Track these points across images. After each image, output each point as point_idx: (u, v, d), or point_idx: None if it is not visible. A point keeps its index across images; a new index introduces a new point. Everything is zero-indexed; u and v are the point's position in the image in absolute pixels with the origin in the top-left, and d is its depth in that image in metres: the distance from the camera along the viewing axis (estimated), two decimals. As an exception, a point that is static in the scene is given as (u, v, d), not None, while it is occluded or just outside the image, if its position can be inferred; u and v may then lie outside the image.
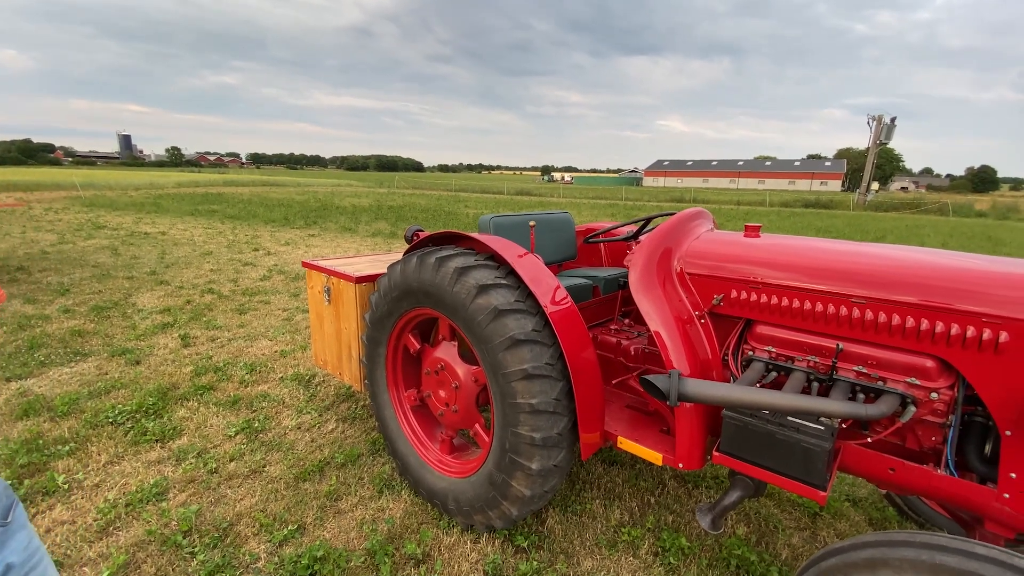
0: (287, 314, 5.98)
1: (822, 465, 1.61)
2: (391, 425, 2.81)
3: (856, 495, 2.89)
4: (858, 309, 1.75)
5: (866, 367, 1.75)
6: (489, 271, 2.19)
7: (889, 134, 42.67)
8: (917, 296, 1.64)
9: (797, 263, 1.91)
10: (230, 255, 9.63)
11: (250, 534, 2.43)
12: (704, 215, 2.43)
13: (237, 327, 5.46)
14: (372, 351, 2.80)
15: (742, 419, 1.75)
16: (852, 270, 1.80)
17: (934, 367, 1.62)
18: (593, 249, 3.66)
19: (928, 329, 1.61)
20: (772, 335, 1.95)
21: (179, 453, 3.06)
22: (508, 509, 2.21)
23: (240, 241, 11.39)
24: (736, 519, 2.63)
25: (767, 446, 1.71)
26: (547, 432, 2.04)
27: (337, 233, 13.27)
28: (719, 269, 2.07)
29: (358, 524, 2.52)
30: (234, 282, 7.47)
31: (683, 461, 1.97)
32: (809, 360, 1.86)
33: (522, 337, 2.03)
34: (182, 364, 4.40)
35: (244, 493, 2.73)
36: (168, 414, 3.52)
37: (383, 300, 2.60)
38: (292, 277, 7.87)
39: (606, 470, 3.01)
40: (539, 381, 2.02)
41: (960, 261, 1.71)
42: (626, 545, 2.42)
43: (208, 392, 3.88)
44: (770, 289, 1.93)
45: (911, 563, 1.26)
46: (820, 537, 2.53)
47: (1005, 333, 1.48)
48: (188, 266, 8.49)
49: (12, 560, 0.99)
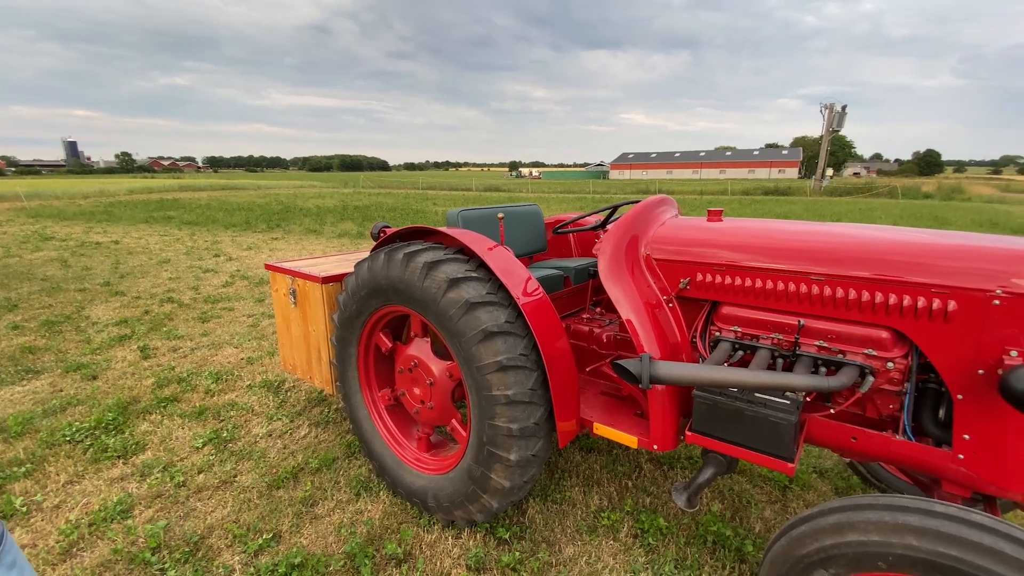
0: (252, 320, 5.80)
1: (789, 438, 1.66)
2: (366, 426, 2.77)
3: (823, 467, 3.00)
4: (817, 286, 1.81)
5: (827, 341, 1.82)
6: (459, 265, 2.17)
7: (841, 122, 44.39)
8: (871, 271, 1.71)
9: (758, 244, 1.97)
10: (189, 262, 9.27)
11: (223, 546, 2.35)
12: (668, 202, 2.47)
13: (200, 336, 5.26)
14: (342, 352, 2.74)
15: (712, 398, 1.79)
16: (810, 248, 1.87)
17: (889, 338, 1.70)
18: (563, 240, 3.68)
19: (882, 302, 1.68)
20: (737, 315, 2.00)
21: (143, 468, 2.93)
22: (488, 502, 2.21)
23: (199, 247, 10.97)
24: (711, 497, 2.70)
25: (736, 423, 1.75)
26: (524, 422, 2.04)
27: (302, 235, 12.95)
28: (684, 254, 2.11)
29: (336, 528, 2.47)
30: (195, 290, 7.20)
31: (657, 442, 2.01)
32: (773, 337, 1.92)
33: (495, 329, 2.02)
34: (142, 377, 4.21)
35: (215, 505, 2.64)
36: (130, 429, 3.37)
37: (351, 299, 2.55)
38: (256, 282, 7.64)
39: (584, 457, 3.04)
40: (514, 372, 2.02)
41: (910, 236, 1.79)
42: (606, 529, 2.46)
43: (172, 404, 3.73)
44: (733, 271, 1.98)
45: (875, 524, 1.32)
46: (791, 509, 2.62)
47: (953, 302, 1.56)
48: (144, 275, 8.13)
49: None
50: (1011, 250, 1.54)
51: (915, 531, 1.27)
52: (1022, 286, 1.45)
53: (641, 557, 2.28)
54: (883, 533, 1.31)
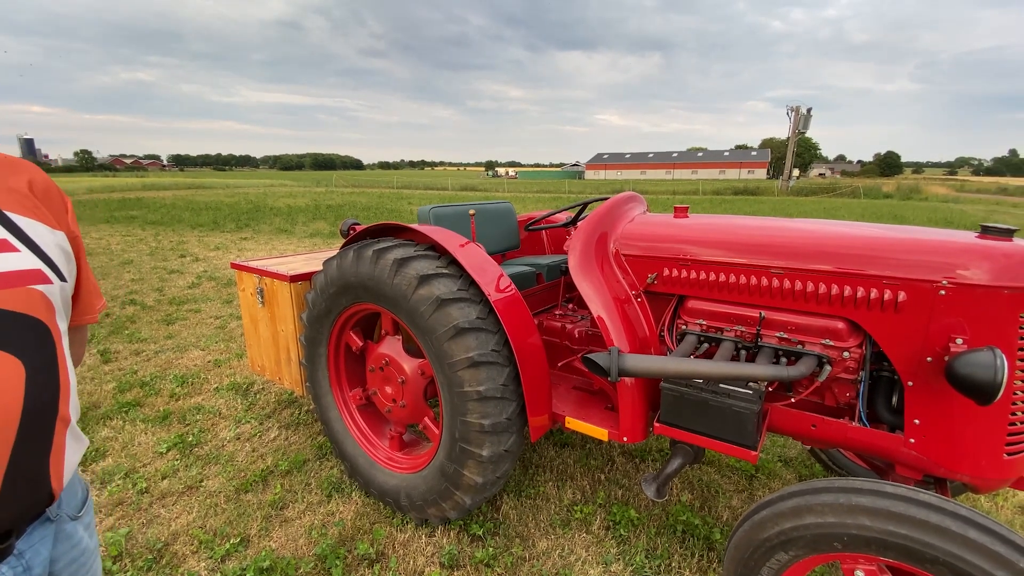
0: (220, 322, 5.65)
1: (752, 427, 1.71)
2: (337, 427, 2.73)
3: (787, 456, 3.10)
4: (777, 279, 1.87)
5: (787, 332, 1.88)
6: (430, 261, 2.16)
7: (806, 124, 45.85)
8: (828, 264, 1.77)
9: (722, 239, 2.02)
10: (153, 263, 8.96)
11: (188, 552, 2.29)
12: (636, 198, 2.51)
13: (164, 339, 5.10)
14: (312, 352, 2.70)
15: (678, 389, 1.83)
16: (771, 243, 1.92)
17: (844, 328, 1.77)
18: (535, 238, 3.70)
19: (838, 294, 1.75)
20: (702, 308, 2.05)
21: (103, 475, 2.83)
22: (461, 499, 2.21)
23: (164, 248, 10.61)
24: (680, 487, 2.76)
25: (702, 413, 1.80)
26: (496, 418, 2.05)
27: (272, 235, 12.65)
28: (652, 249, 2.15)
29: (307, 530, 2.43)
30: (159, 291, 6.97)
31: (627, 435, 2.04)
32: (736, 330, 1.98)
33: (466, 325, 2.02)
34: (103, 381, 4.06)
35: (180, 511, 2.56)
36: (89, 435, 3.24)
37: (320, 297, 2.51)
38: (224, 283, 7.43)
39: (557, 452, 3.07)
40: (485, 368, 2.03)
41: (864, 231, 1.86)
42: (579, 523, 2.48)
43: (134, 409, 3.60)
44: (698, 265, 2.03)
45: (830, 507, 1.38)
46: (757, 497, 2.70)
47: (903, 293, 1.63)
48: (105, 277, 7.83)
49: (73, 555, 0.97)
50: (956, 243, 1.62)
51: (868, 512, 1.32)
52: (966, 277, 1.53)
53: (613, 548, 2.32)
54: (838, 515, 1.36)
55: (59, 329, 0.91)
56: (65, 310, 0.96)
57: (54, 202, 0.99)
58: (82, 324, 1.09)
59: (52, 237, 0.94)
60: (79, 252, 1.03)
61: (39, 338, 0.86)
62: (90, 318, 1.10)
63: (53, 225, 0.96)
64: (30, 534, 0.89)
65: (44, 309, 0.88)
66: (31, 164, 0.99)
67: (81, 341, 1.15)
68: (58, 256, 0.94)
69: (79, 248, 1.03)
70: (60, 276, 0.92)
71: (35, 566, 0.88)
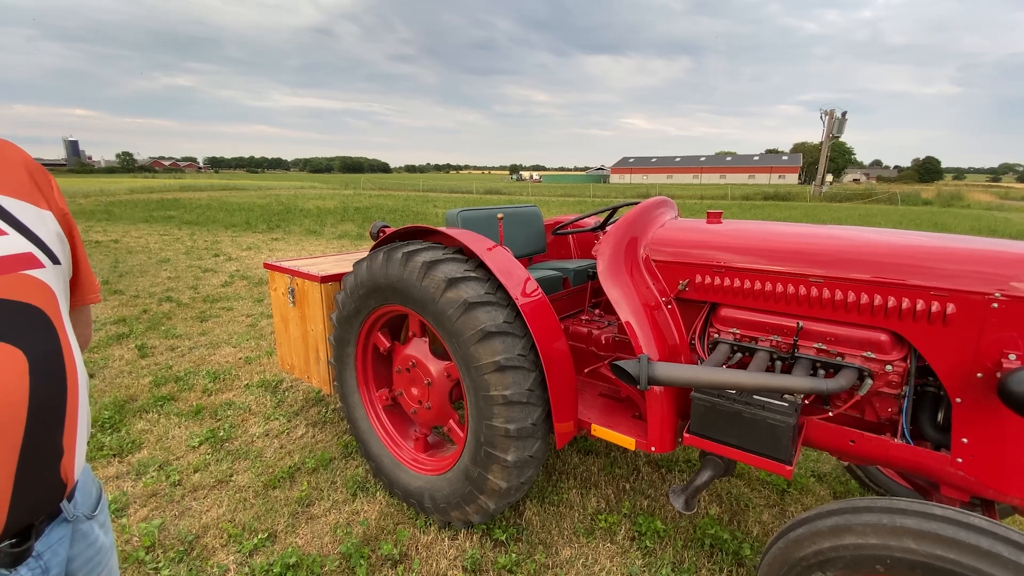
0: (251, 320, 5.79)
1: (787, 440, 1.65)
2: (363, 426, 2.76)
3: (821, 471, 3.00)
4: (815, 288, 1.81)
5: (825, 344, 1.81)
6: (458, 264, 2.16)
7: (841, 128, 44.53)
8: (870, 273, 1.71)
9: (757, 246, 1.97)
10: (189, 262, 9.27)
11: (218, 545, 2.34)
12: (668, 203, 2.47)
13: (198, 335, 5.25)
14: (340, 352, 2.73)
15: (710, 400, 1.78)
16: (809, 251, 1.87)
17: (888, 341, 1.69)
18: (562, 242, 3.68)
19: (881, 304, 1.68)
20: (736, 317, 2.00)
21: (139, 467, 2.92)
22: (485, 503, 2.20)
23: (199, 247, 10.97)
24: (708, 500, 2.69)
25: (734, 425, 1.75)
26: (521, 423, 2.03)
27: (302, 236, 12.94)
28: (684, 255, 2.10)
29: (332, 528, 2.46)
30: (194, 289, 7.19)
31: (655, 444, 2.00)
32: (772, 340, 1.92)
33: (493, 329, 2.02)
34: (140, 375, 4.20)
35: (210, 504, 2.62)
36: (126, 427, 3.36)
37: (350, 298, 2.54)
38: (255, 282, 7.63)
39: (581, 460, 3.03)
40: (512, 372, 2.02)
41: (909, 239, 1.79)
42: (603, 532, 2.45)
43: (169, 403, 3.72)
44: (732, 272, 1.98)
45: (873, 527, 1.32)
46: (789, 512, 2.61)
47: (952, 305, 1.55)
48: (144, 274, 8.12)
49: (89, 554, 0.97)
50: (1010, 253, 1.54)
51: (913, 534, 1.26)
52: (1020, 289, 1.45)
53: (638, 560, 2.27)
54: (881, 536, 1.30)
55: (60, 314, 0.86)
56: (64, 293, 0.91)
57: (39, 181, 0.93)
58: (85, 304, 1.05)
59: (40, 218, 0.89)
60: (72, 231, 0.98)
61: (39, 326, 0.81)
62: (92, 297, 1.06)
63: (42, 205, 0.91)
64: (48, 535, 0.87)
65: (40, 295, 0.83)
66: (10, 143, 0.93)
67: (86, 322, 1.12)
68: (50, 238, 0.89)
69: (71, 226, 0.98)
70: (53, 259, 0.88)
71: (53, 567, 0.87)
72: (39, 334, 0.81)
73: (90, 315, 1.17)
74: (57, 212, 0.94)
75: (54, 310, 0.85)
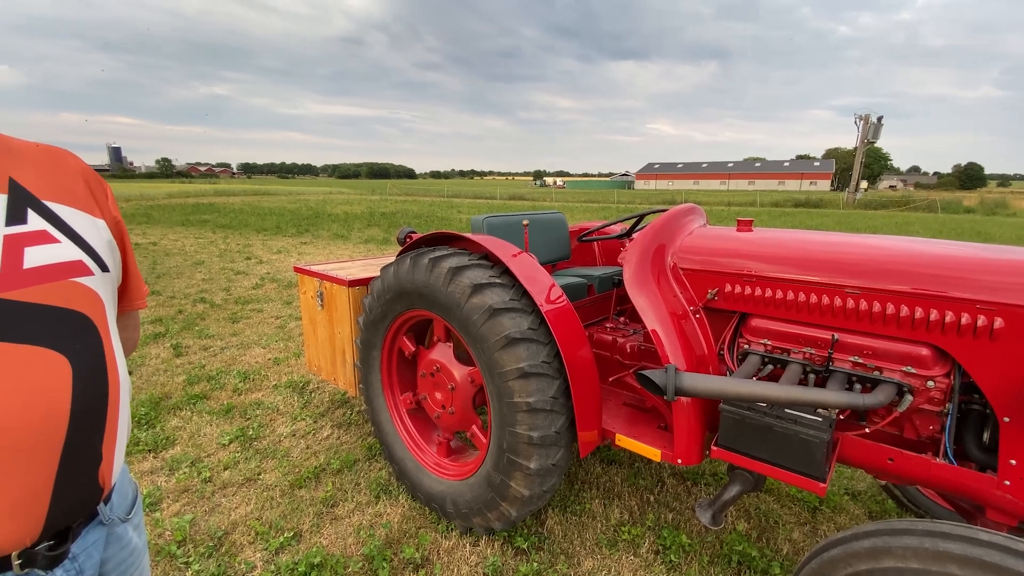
0: (280, 322, 5.93)
1: (821, 456, 1.60)
2: (387, 429, 2.78)
3: (855, 488, 2.88)
4: (852, 299, 1.75)
5: (862, 357, 1.75)
6: (483, 270, 2.17)
7: (876, 133, 43.17)
8: (910, 284, 1.64)
9: (789, 256, 1.92)
10: (222, 264, 9.56)
11: (245, 542, 2.39)
12: (696, 211, 2.43)
13: (230, 336, 5.41)
14: (366, 355, 2.77)
15: (739, 412, 1.74)
16: (844, 260, 1.81)
17: (929, 355, 1.62)
18: (587, 249, 3.66)
19: (922, 317, 1.61)
20: (767, 328, 1.95)
21: (172, 463, 3.01)
22: (507, 510, 2.19)
23: (232, 250, 11.31)
24: (736, 515, 2.62)
25: (765, 439, 1.70)
26: (545, 431, 2.02)
27: (330, 240, 13.22)
28: (712, 264, 2.07)
29: (355, 530, 2.48)
30: (226, 291, 7.41)
31: (681, 456, 1.96)
32: (805, 352, 1.86)
33: (518, 336, 2.01)
34: (174, 374, 4.34)
35: (239, 501, 2.69)
36: (161, 424, 3.47)
37: (376, 303, 2.58)
38: (285, 285, 7.82)
39: (605, 469, 2.99)
40: (536, 379, 2.01)
41: (952, 249, 1.71)
42: (627, 544, 2.40)
43: (201, 401, 3.83)
44: (763, 282, 1.93)
45: (914, 551, 1.26)
46: (820, 531, 2.52)
47: (1000, 319, 1.48)
48: (179, 276, 8.42)
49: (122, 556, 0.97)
50: None
51: (958, 560, 1.20)
52: None
53: (663, 574, 2.23)
54: (923, 560, 1.24)
55: (106, 322, 0.87)
56: (112, 300, 0.92)
57: (94, 189, 0.95)
58: (133, 310, 1.07)
59: (94, 226, 0.91)
60: (123, 238, 0.99)
61: (85, 334, 0.82)
62: (140, 303, 1.07)
63: (96, 213, 0.92)
64: (84, 537, 0.87)
65: (88, 302, 0.84)
66: (68, 152, 0.95)
67: (134, 327, 1.13)
68: (101, 245, 0.90)
69: (123, 234, 1.00)
70: (103, 266, 0.89)
71: (87, 569, 0.87)
72: (84, 341, 0.82)
73: (138, 320, 1.18)
74: (110, 220, 0.96)
75: (100, 317, 0.87)
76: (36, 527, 0.78)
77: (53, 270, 0.81)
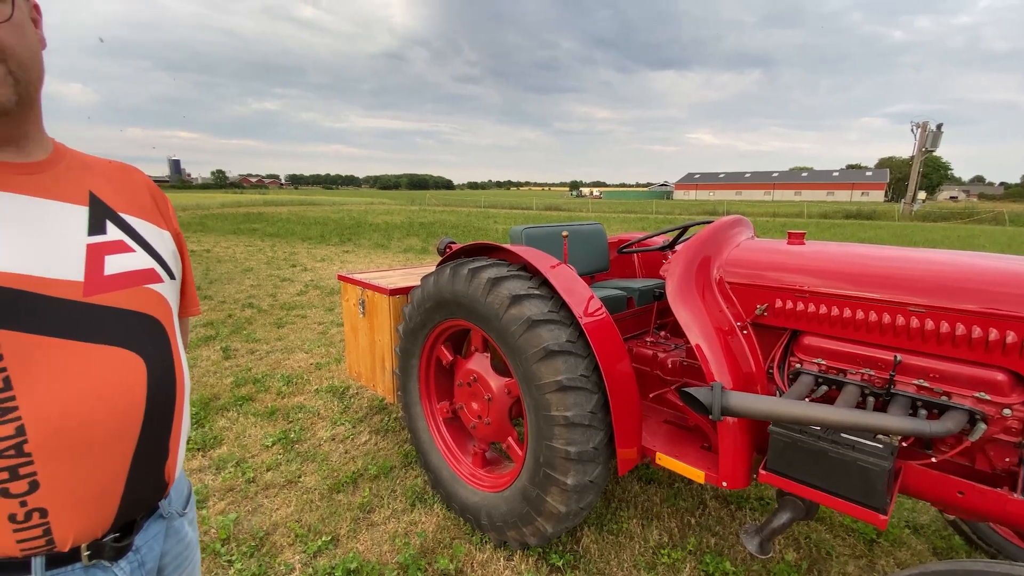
0: (322, 327, 6.11)
1: (882, 486, 1.49)
2: (423, 437, 2.80)
3: (917, 521, 2.68)
4: (916, 318, 1.64)
5: (928, 380, 1.63)
6: (522, 282, 2.17)
7: (935, 141, 40.85)
8: (982, 303, 1.52)
9: (847, 271, 1.82)
10: (269, 271, 9.96)
11: (285, 544, 2.44)
12: (743, 222, 2.35)
13: (275, 340, 5.60)
14: (405, 363, 2.81)
15: (791, 435, 1.65)
16: (907, 276, 1.70)
17: (1006, 381, 1.50)
18: (626, 260, 3.60)
19: (997, 339, 1.49)
20: (821, 346, 1.85)
21: (219, 462, 3.13)
22: (542, 526, 2.15)
23: (279, 258, 11.77)
24: (785, 543, 2.48)
25: (819, 464, 1.60)
26: (582, 446, 1.98)
27: (370, 249, 13.57)
28: (762, 278, 1.98)
29: (391, 537, 2.50)
30: (273, 297, 7.71)
31: (727, 479, 1.88)
32: (863, 373, 1.75)
33: (556, 348, 1.99)
34: (223, 375, 4.53)
35: (280, 503, 2.76)
36: (209, 423, 3.62)
37: (416, 312, 2.61)
38: (327, 292, 8.06)
39: (643, 488, 2.90)
40: (574, 393, 1.98)
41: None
42: (666, 568, 2.31)
43: (247, 403, 3.97)
44: (818, 298, 1.84)
45: (991, 596, 1.15)
46: (878, 566, 2.35)
47: (1088, 344, 1.35)
48: (230, 282, 8.82)
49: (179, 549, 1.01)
50: None
51: (1044, 609, 1.09)
52: None
53: (704, 602, 2.13)
54: (1002, 607, 1.13)
55: (173, 325, 0.94)
56: (176, 306, 0.99)
57: (159, 202, 1.03)
58: (187, 316, 1.13)
59: (161, 237, 0.98)
60: (183, 249, 1.07)
61: (156, 335, 0.89)
62: (194, 310, 1.14)
63: (162, 225, 1.00)
64: (146, 530, 0.92)
65: (158, 307, 0.90)
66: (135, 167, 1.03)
67: (185, 332, 1.20)
68: (168, 255, 0.97)
69: (182, 245, 1.07)
70: (170, 274, 0.96)
71: (148, 561, 0.92)
72: (156, 343, 0.88)
73: (188, 326, 1.26)
74: (173, 232, 1.04)
75: (168, 321, 0.93)
76: (108, 519, 0.83)
77: (129, 277, 0.87)
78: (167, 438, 0.90)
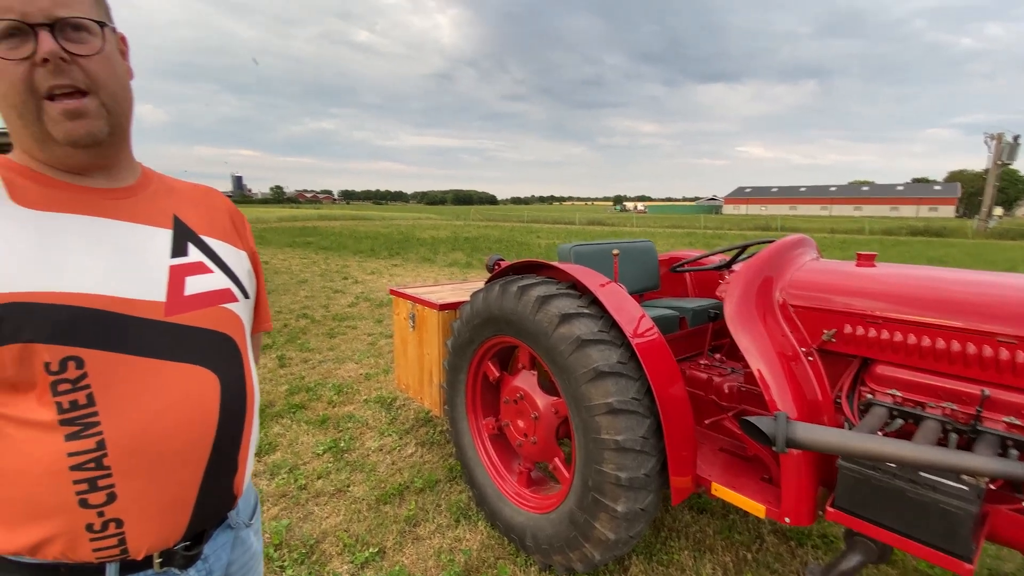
0: (372, 339, 6.28)
1: (967, 531, 1.37)
2: (469, 453, 2.81)
3: (1001, 570, 2.43)
4: (1006, 350, 1.50)
5: (1020, 419, 1.49)
6: (571, 300, 2.15)
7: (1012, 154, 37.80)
8: (1088, 336, 1.38)
9: (925, 296, 1.70)
10: (323, 283, 10.37)
11: (334, 553, 2.49)
12: (808, 243, 2.25)
13: (327, 350, 5.80)
14: (452, 377, 2.83)
15: (862, 471, 1.54)
16: (995, 304, 1.57)
17: (1116, 422, 1.35)
18: (677, 279, 3.51)
19: (1107, 376, 1.35)
20: (896, 377, 1.72)
21: (273, 468, 3.25)
22: (590, 552, 2.10)
23: (331, 270, 12.25)
24: (851, 587, 2.30)
25: (895, 505, 1.49)
26: (634, 472, 1.92)
27: (417, 263, 13.90)
28: (829, 301, 1.88)
29: (436, 552, 2.50)
30: (325, 308, 8.01)
31: (790, 515, 1.77)
32: (944, 407, 1.62)
33: (606, 369, 1.95)
34: (278, 383, 4.72)
35: (330, 511, 2.82)
36: (265, 430, 3.77)
37: (465, 327, 2.64)
38: (377, 304, 8.29)
39: (695, 518, 2.78)
40: (625, 417, 1.93)
41: None
42: (720, 604, 2.20)
43: (300, 410, 4.12)
44: (893, 325, 1.72)
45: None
46: (961, 619, 2.14)
47: None
48: (286, 293, 9.24)
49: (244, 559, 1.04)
50: None
51: None
52: None
53: (763, 645, 2.00)
54: None
55: (246, 343, 0.97)
56: (249, 324, 1.02)
57: (237, 223, 1.06)
58: (260, 332, 1.17)
59: (238, 257, 1.02)
60: (257, 267, 1.10)
61: (230, 353, 0.92)
62: (266, 326, 1.18)
63: (239, 246, 1.04)
64: (214, 540, 0.94)
65: (233, 325, 0.93)
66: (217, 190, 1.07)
67: (257, 346, 1.24)
68: (244, 275, 1.01)
69: (257, 263, 1.11)
70: (245, 293, 0.99)
71: (216, 570, 0.94)
72: (230, 360, 0.92)
73: (261, 340, 1.31)
74: (249, 251, 1.08)
75: (242, 339, 0.96)
76: (180, 529, 0.87)
77: (208, 297, 0.91)
78: (237, 452, 0.93)
